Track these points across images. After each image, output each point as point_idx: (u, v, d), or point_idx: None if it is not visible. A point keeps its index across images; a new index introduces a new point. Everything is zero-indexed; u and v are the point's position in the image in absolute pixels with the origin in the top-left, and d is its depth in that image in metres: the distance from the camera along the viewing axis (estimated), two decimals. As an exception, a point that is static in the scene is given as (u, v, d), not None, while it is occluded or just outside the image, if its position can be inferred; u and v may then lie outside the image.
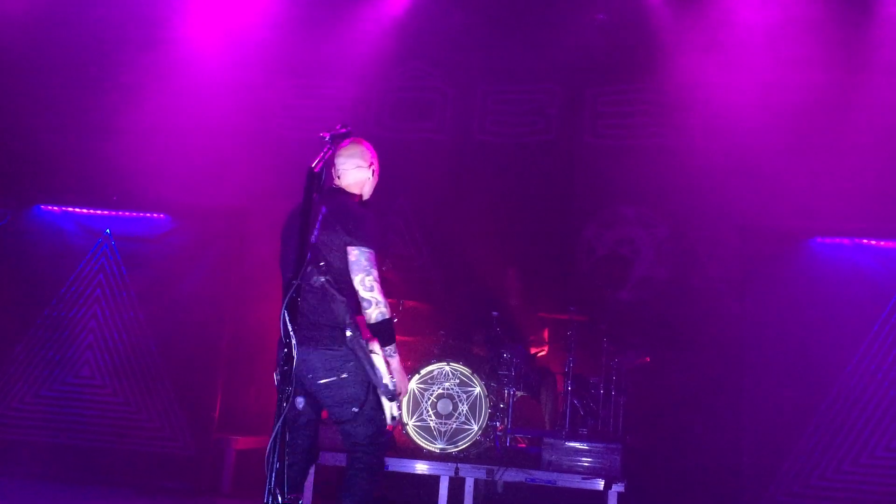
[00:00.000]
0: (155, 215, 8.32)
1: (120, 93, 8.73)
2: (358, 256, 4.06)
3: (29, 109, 8.59)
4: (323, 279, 4.04)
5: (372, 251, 4.08)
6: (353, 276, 4.08)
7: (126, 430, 7.84)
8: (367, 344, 4.12)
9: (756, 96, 8.34)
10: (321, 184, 3.71)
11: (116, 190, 8.33)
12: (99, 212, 8.36)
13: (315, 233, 4.01)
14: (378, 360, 4.15)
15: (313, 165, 3.66)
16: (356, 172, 4.38)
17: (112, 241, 8.23)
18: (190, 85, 8.74)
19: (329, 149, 3.85)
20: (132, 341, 7.97)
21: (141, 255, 8.16)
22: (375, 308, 4.09)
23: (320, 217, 4.09)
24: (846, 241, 7.19)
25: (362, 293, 4.08)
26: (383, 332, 4.15)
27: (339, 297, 4.05)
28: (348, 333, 4.08)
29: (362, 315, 4.17)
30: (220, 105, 8.84)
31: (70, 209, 8.37)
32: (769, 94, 8.12)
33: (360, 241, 4.07)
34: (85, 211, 8.37)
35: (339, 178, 4.37)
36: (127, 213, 8.34)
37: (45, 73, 8.67)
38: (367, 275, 4.06)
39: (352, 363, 4.10)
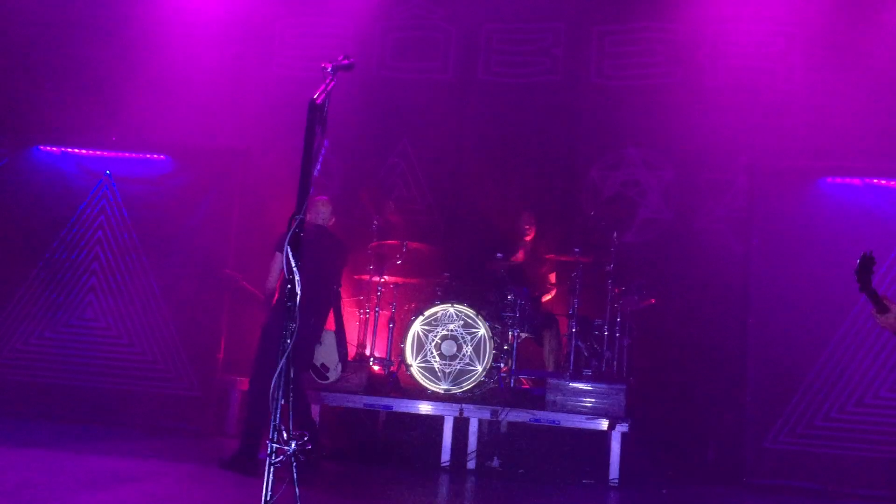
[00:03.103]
0: (155, 156, 8.23)
1: (119, 36, 8.58)
2: None
3: (29, 52, 8.45)
4: None
5: None
6: None
7: (131, 371, 7.86)
8: None
9: (765, 34, 8.17)
10: (324, 115, 3.61)
11: (116, 131, 8.22)
12: (99, 153, 8.26)
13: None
14: None
15: (315, 97, 3.57)
16: None
17: (113, 182, 8.15)
18: (189, 28, 8.60)
19: (331, 80, 3.74)
20: (135, 283, 7.95)
21: (142, 197, 8.09)
22: None
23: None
24: (857, 181, 7.08)
25: None
26: None
27: None
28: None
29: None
30: (219, 46, 8.71)
31: (70, 150, 8.26)
32: (778, 32, 7.95)
33: None
34: (85, 152, 8.27)
35: None
36: (127, 154, 8.25)
37: (46, 18, 8.50)
38: None
39: None
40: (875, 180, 7.04)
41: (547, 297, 8.13)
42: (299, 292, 3.44)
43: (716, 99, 8.19)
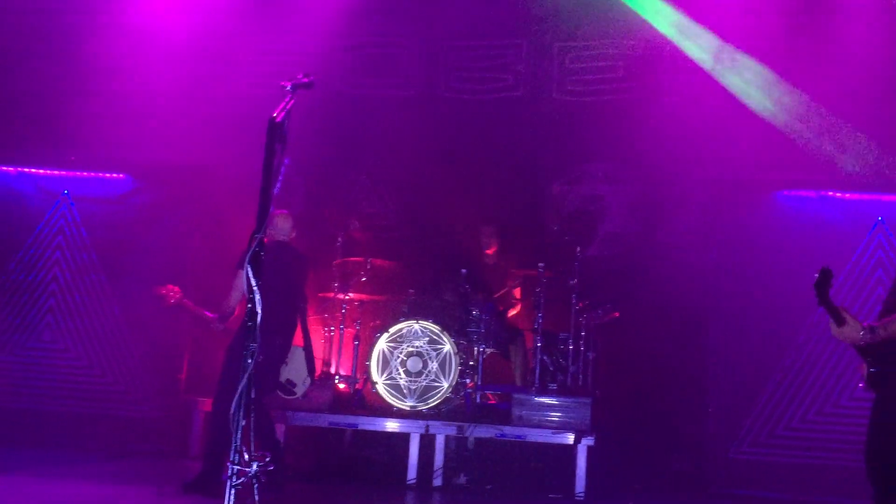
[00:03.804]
0: (115, 175, 8.14)
1: (78, 54, 8.48)
2: None
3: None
4: None
5: None
6: None
7: (91, 393, 7.75)
8: None
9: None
10: (284, 133, 3.60)
11: (75, 150, 8.12)
12: (57, 172, 8.15)
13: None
14: None
15: (275, 115, 3.56)
16: None
17: (71, 202, 8.04)
18: (149, 46, 8.52)
19: (291, 98, 3.73)
20: (95, 304, 7.84)
21: (102, 217, 8.00)
22: None
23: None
24: (812, 193, 7.24)
25: None
26: None
27: None
28: None
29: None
30: (180, 64, 8.63)
31: (27, 170, 8.14)
32: (735, 46, 8.10)
33: None
34: (42, 171, 8.16)
35: None
36: (86, 174, 8.15)
37: (1, 38, 8.39)
38: None
39: None
40: (830, 193, 7.19)
41: (512, 312, 8.16)
42: (259, 312, 3.41)
43: (675, 114, 8.29)
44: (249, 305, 3.44)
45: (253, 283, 3.39)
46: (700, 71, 8.28)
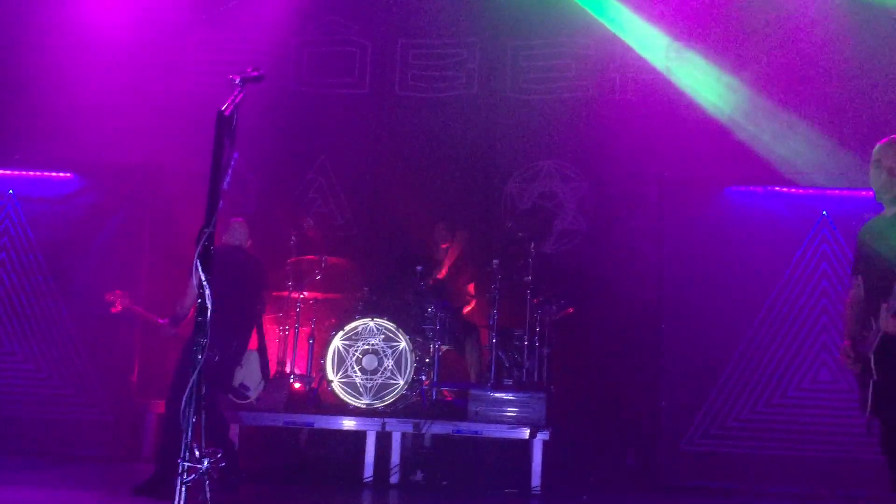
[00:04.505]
0: (61, 175, 7.95)
1: (21, 51, 8.29)
2: None
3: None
4: None
5: None
6: None
7: (40, 397, 7.55)
8: None
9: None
10: (232, 128, 3.56)
11: (19, 149, 7.93)
12: (1, 171, 7.93)
13: None
14: None
15: (223, 108, 3.52)
16: None
17: (16, 202, 7.84)
18: (97, 43, 8.37)
19: (240, 92, 3.70)
20: (41, 306, 7.65)
21: (48, 217, 7.80)
22: None
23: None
24: (759, 189, 7.38)
25: None
26: None
27: None
28: None
29: None
30: (129, 61, 8.50)
31: (-32, 169, 7.92)
32: (684, 43, 8.24)
33: None
34: (-14, 171, 7.94)
35: None
36: (31, 173, 7.95)
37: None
38: None
39: None
40: (776, 188, 7.34)
41: (467, 309, 8.17)
42: (210, 307, 3.38)
43: (627, 112, 8.43)
44: (199, 301, 3.40)
45: (202, 277, 3.35)
46: (651, 69, 8.41)
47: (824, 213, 7.22)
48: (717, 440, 7.05)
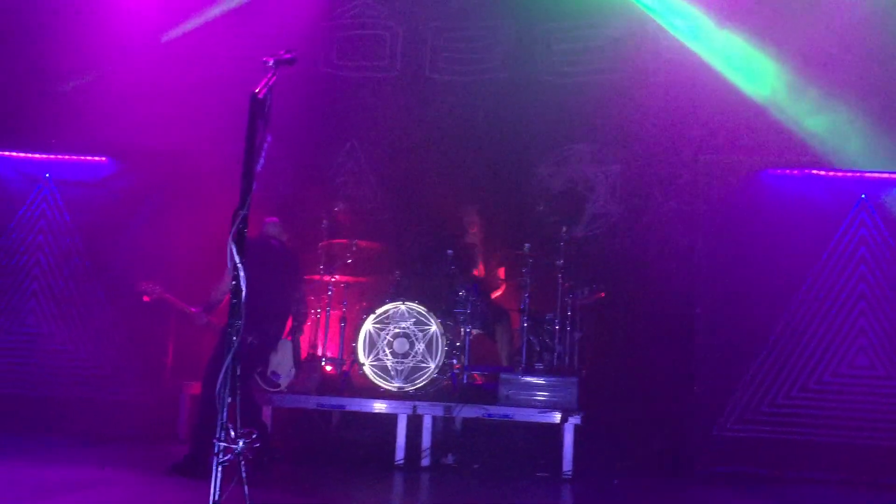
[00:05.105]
0: (96, 158, 8.05)
1: (58, 37, 8.38)
2: None
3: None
4: None
5: None
6: None
7: (77, 378, 7.69)
8: None
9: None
10: (266, 110, 3.57)
11: (55, 133, 8.04)
12: (38, 156, 8.05)
13: None
14: None
15: (257, 91, 3.53)
16: None
17: (53, 185, 7.95)
18: (129, 28, 8.43)
19: (273, 74, 3.70)
20: (79, 288, 7.77)
21: (84, 200, 7.91)
22: None
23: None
24: (796, 171, 7.24)
25: None
26: None
27: None
28: None
29: None
30: (161, 46, 8.59)
31: (6, 153, 8.04)
32: (719, 22, 8.10)
33: None
34: (22, 155, 8.05)
35: None
36: (67, 158, 8.06)
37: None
38: None
39: None
40: (813, 171, 7.21)
41: (498, 293, 8.16)
42: (244, 288, 3.40)
43: (660, 94, 8.33)
44: (234, 283, 3.42)
45: (237, 259, 3.37)
46: (686, 50, 8.28)
47: (863, 196, 7.08)
48: (752, 425, 6.98)
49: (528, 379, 6.87)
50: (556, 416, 6.65)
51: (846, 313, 6.99)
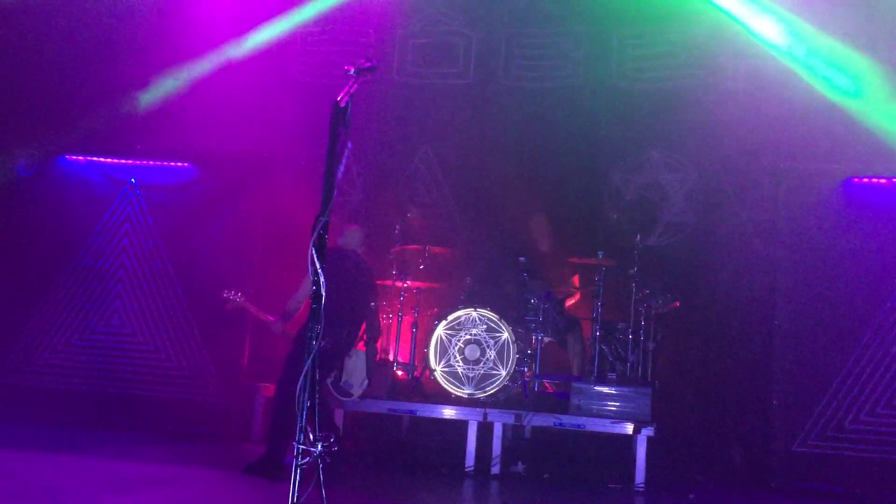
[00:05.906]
0: (179, 164, 8.31)
1: (144, 47, 8.67)
2: None
3: (55, 62, 8.56)
4: None
5: None
6: None
7: (157, 376, 7.94)
8: None
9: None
10: (347, 117, 3.62)
11: (141, 139, 8.32)
12: (124, 161, 8.36)
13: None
14: None
15: (338, 99, 3.58)
16: None
17: (137, 190, 8.24)
18: (211, 36, 8.67)
19: (354, 82, 3.75)
20: (160, 290, 8.03)
21: (167, 205, 8.18)
22: None
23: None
24: (883, 180, 6.99)
25: None
26: None
27: None
28: None
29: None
30: (242, 55, 8.77)
31: (95, 158, 8.37)
32: (802, 25, 7.87)
33: None
34: (110, 160, 8.38)
35: None
36: (151, 163, 8.34)
37: (70, 29, 8.62)
38: None
39: None
40: (904, 179, 6.95)
41: (570, 301, 8.09)
42: (324, 294, 3.45)
43: (737, 101, 8.13)
44: (314, 288, 3.47)
45: (318, 265, 3.42)
46: (765, 54, 8.07)
47: (957, 205, 6.79)
48: (834, 442, 6.75)
49: (601, 388, 6.80)
50: (629, 427, 6.56)
51: (936, 328, 6.72)
